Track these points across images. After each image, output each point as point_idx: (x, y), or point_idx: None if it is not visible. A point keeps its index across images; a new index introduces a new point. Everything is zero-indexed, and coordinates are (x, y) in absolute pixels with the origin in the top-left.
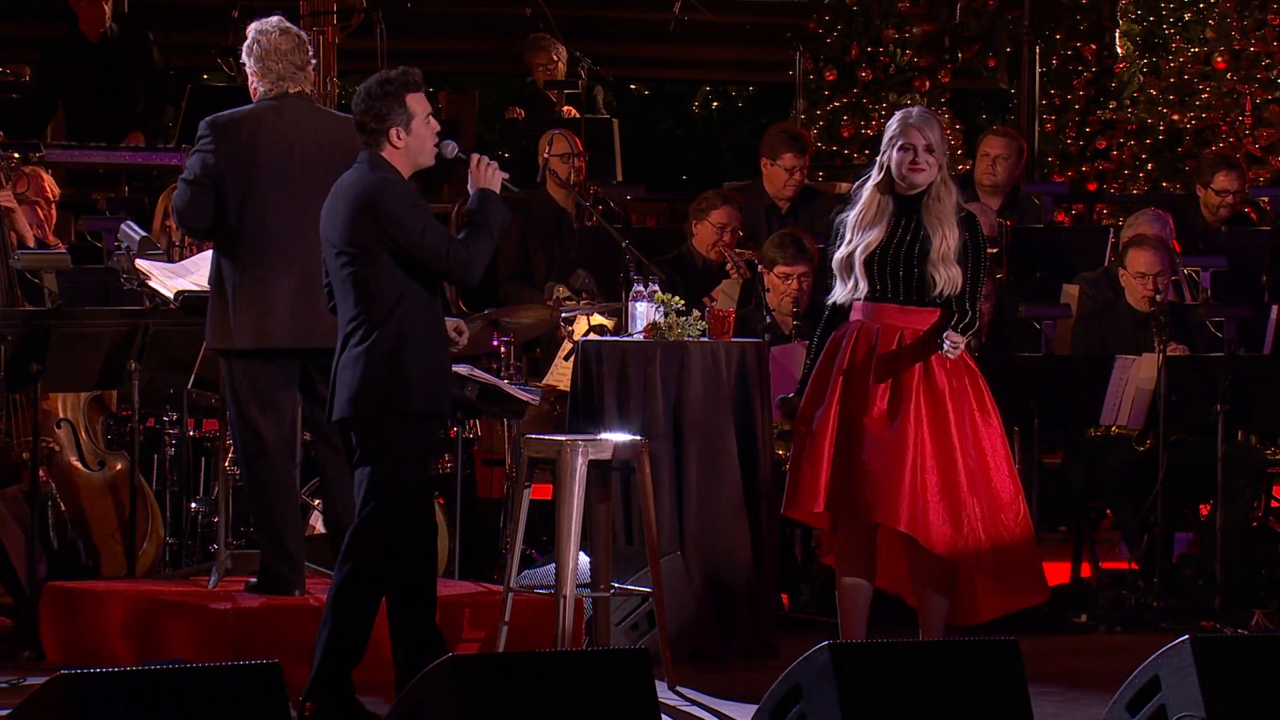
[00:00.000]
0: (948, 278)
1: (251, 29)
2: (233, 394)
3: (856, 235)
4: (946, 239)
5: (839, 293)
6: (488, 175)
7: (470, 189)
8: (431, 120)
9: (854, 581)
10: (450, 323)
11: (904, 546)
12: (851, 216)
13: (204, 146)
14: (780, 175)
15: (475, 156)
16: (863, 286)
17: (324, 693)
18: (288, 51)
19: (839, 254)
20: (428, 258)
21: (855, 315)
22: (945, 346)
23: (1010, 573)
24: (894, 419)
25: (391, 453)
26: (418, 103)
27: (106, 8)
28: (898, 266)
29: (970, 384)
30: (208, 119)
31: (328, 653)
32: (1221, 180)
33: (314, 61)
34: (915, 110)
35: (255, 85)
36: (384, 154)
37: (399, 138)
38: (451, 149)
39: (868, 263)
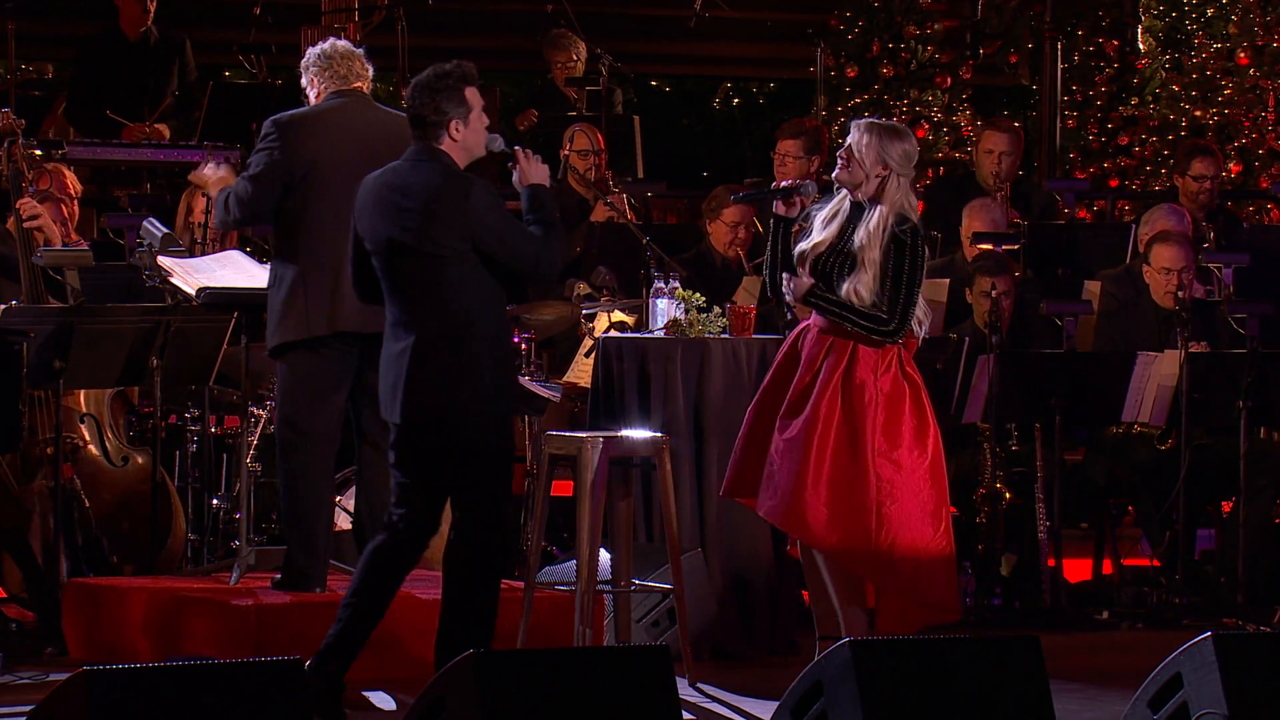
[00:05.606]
0: (852, 288)
1: (309, 51)
2: (286, 383)
3: (819, 231)
4: (872, 257)
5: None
6: (536, 170)
7: (518, 184)
8: (484, 114)
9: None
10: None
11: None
12: (821, 212)
13: (270, 144)
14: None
15: (520, 151)
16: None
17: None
18: (348, 55)
19: (798, 248)
20: (519, 263)
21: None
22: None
23: (922, 587)
24: (802, 419)
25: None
26: (474, 96)
27: (151, 6)
28: (834, 271)
29: (911, 394)
30: (272, 118)
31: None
32: (1198, 166)
33: (371, 70)
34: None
35: (319, 88)
36: (442, 146)
37: (458, 130)
38: (499, 143)
39: (815, 261)
